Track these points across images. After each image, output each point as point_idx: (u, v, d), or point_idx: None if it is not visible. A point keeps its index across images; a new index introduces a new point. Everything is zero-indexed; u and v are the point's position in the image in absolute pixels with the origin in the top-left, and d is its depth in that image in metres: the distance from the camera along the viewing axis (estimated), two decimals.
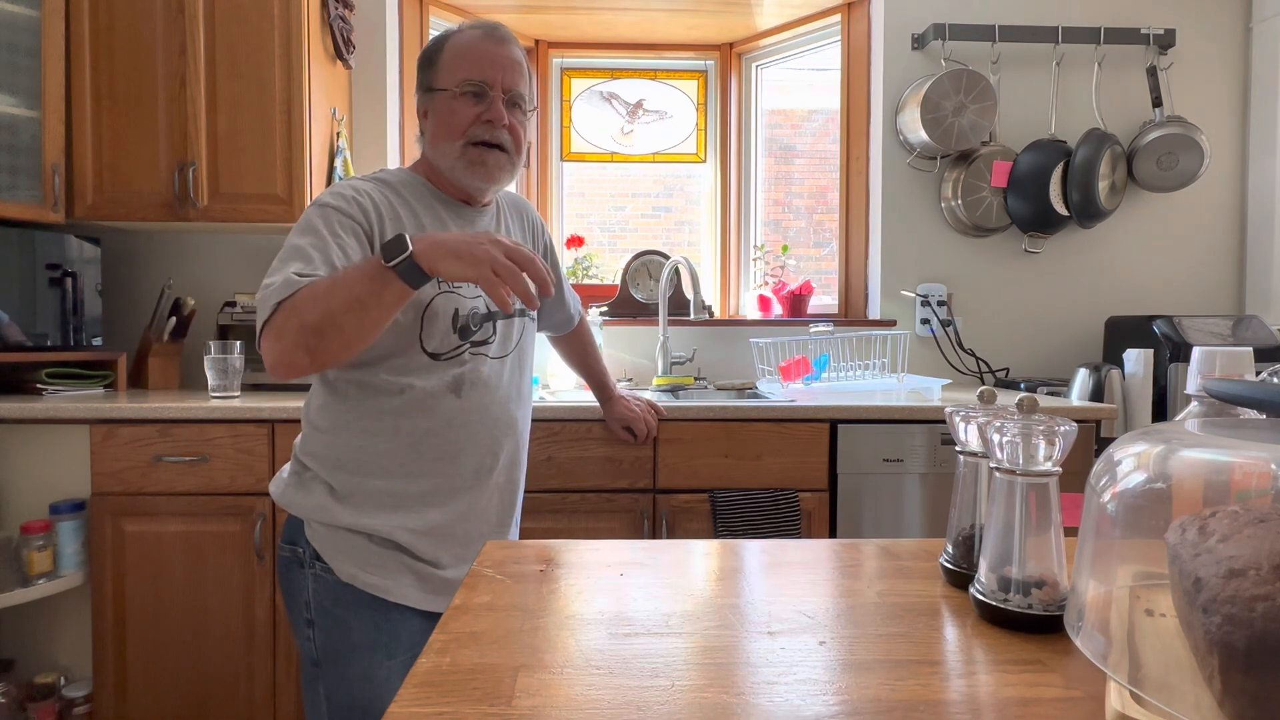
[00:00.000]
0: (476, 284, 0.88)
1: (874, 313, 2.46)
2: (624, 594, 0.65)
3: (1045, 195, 2.31)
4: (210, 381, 1.83)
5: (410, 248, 0.87)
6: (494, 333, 1.13)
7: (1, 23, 1.80)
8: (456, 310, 1.08)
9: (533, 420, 1.70)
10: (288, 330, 0.90)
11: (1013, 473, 0.57)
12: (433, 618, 1.08)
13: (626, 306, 2.45)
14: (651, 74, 2.76)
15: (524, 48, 1.20)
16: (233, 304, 2.02)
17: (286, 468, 1.13)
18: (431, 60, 1.11)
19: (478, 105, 1.08)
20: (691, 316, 2.11)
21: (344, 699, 1.03)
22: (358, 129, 2.30)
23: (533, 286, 0.89)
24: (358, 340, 0.92)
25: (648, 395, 1.87)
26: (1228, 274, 2.49)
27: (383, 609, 1.04)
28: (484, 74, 1.08)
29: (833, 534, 1.77)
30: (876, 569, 0.72)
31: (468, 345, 1.09)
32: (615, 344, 2.40)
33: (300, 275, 0.93)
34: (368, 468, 1.06)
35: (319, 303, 0.89)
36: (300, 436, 1.12)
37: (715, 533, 1.71)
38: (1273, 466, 0.39)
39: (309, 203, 1.95)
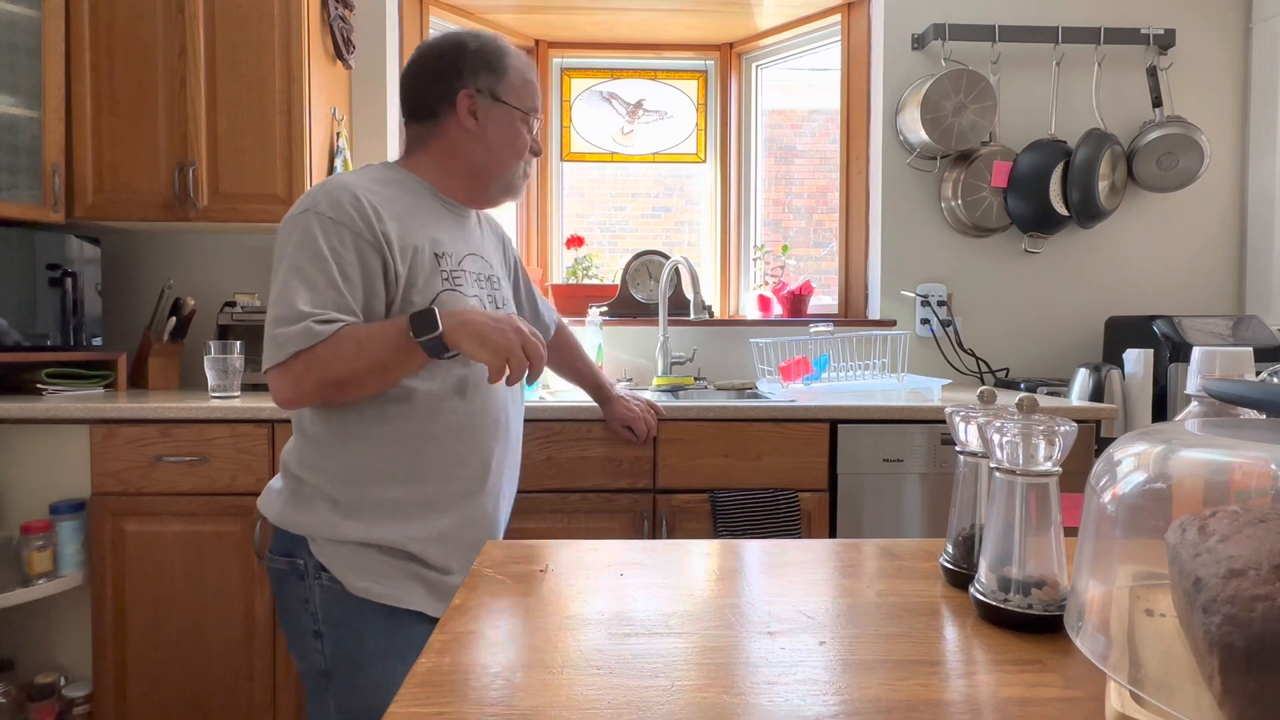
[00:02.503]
0: (488, 365, 0.95)
1: (874, 313, 2.46)
2: (624, 594, 0.65)
3: (1045, 195, 2.31)
4: (210, 381, 1.83)
5: (440, 328, 0.95)
6: None
7: (1, 23, 1.80)
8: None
9: (533, 420, 1.71)
10: (306, 381, 0.95)
11: (1013, 473, 0.57)
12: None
13: (626, 306, 2.45)
14: (651, 74, 2.76)
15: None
16: (233, 304, 2.02)
17: (277, 482, 1.08)
18: (499, 70, 1.13)
19: (528, 133, 1.17)
20: (691, 316, 2.11)
21: (357, 707, 1.02)
22: (358, 129, 2.30)
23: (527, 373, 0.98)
24: (373, 392, 1.01)
25: (647, 395, 1.87)
26: (1228, 274, 2.49)
27: (395, 616, 1.04)
28: (537, 107, 1.18)
29: (833, 534, 1.77)
30: (876, 569, 0.72)
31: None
32: (615, 344, 2.40)
33: (319, 323, 0.94)
34: (373, 476, 1.04)
35: (344, 363, 0.95)
36: (291, 449, 1.08)
37: (715, 533, 1.71)
38: (1273, 466, 0.39)
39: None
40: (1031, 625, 0.56)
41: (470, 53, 1.12)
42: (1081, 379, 2.00)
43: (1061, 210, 2.32)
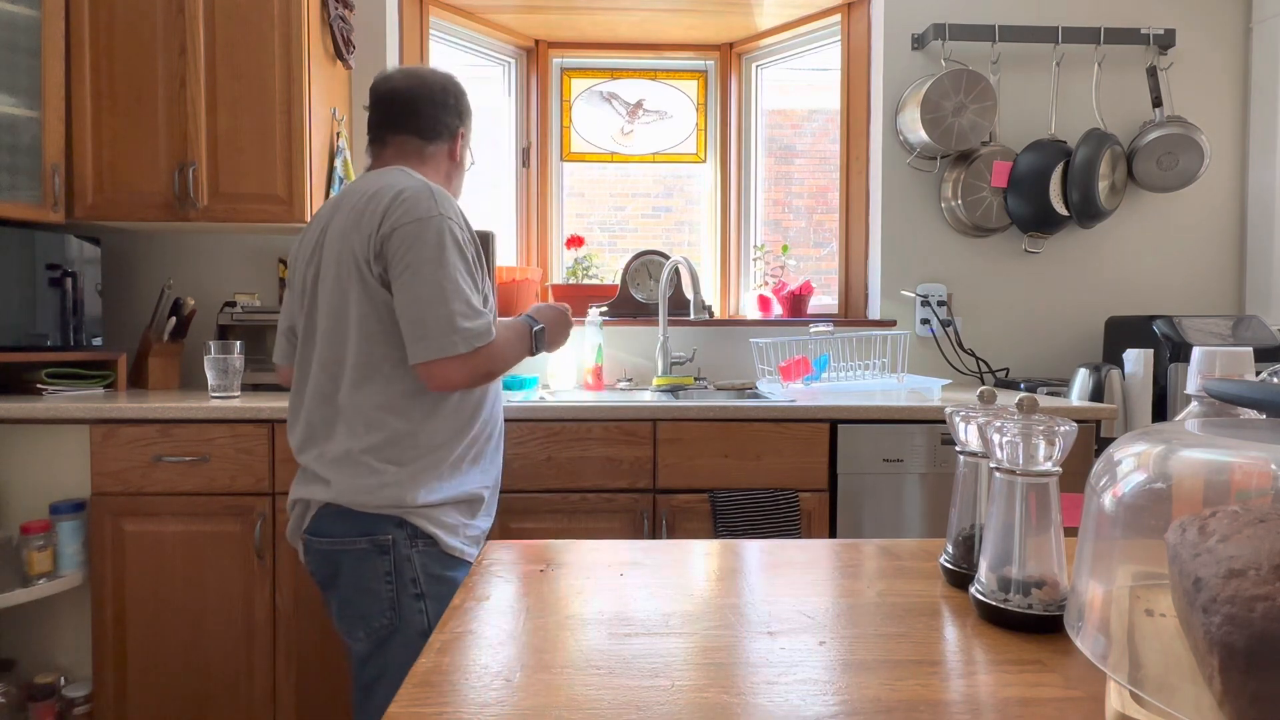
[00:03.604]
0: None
1: (874, 313, 2.46)
2: (624, 594, 0.65)
3: (1045, 195, 2.31)
4: (210, 381, 1.83)
5: (546, 340, 1.33)
6: None
7: (1, 23, 1.80)
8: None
9: (533, 420, 1.71)
10: (481, 370, 1.15)
11: (1013, 473, 0.57)
12: None
13: (626, 306, 2.45)
14: (651, 74, 2.76)
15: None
16: (233, 304, 2.02)
17: (364, 475, 1.15)
18: (471, 117, 1.37)
19: None
20: (691, 316, 2.11)
21: None
22: (358, 129, 2.29)
23: None
24: None
25: (647, 395, 1.87)
26: (1228, 274, 2.49)
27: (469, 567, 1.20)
28: None
29: (833, 534, 1.77)
30: (876, 569, 0.72)
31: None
32: (615, 344, 2.40)
33: (492, 324, 1.16)
34: (461, 439, 1.22)
35: (504, 361, 1.20)
36: (378, 441, 1.16)
37: (715, 533, 1.71)
38: (1273, 466, 0.39)
39: (308, 201, 1.95)
40: (1031, 625, 0.56)
41: (465, 98, 1.35)
42: (1081, 379, 2.00)
43: (1061, 210, 2.32)
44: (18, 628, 1.76)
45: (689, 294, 2.28)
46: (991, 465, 0.59)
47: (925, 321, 2.41)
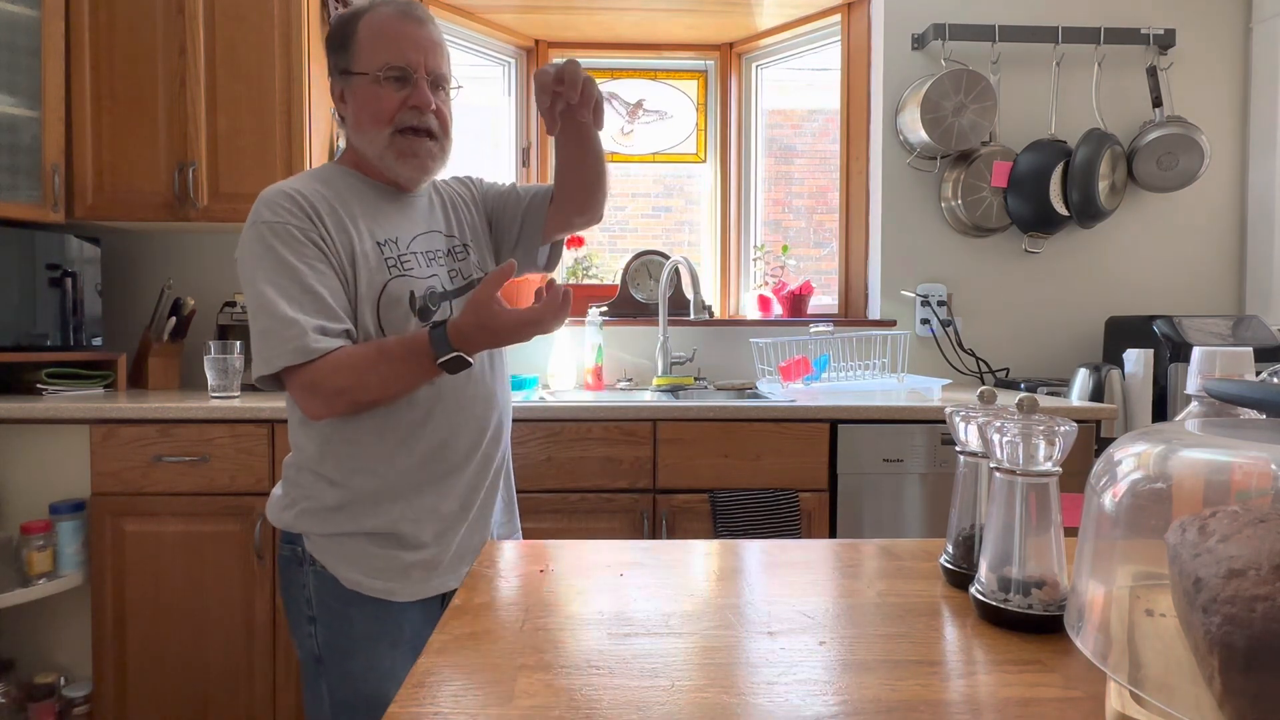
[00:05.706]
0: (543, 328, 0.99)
1: (874, 313, 2.46)
2: (624, 594, 0.65)
3: (1045, 195, 2.31)
4: (210, 381, 1.83)
5: (453, 349, 0.96)
6: (451, 312, 1.09)
7: (1, 23, 1.79)
8: (411, 293, 1.05)
9: (533, 420, 1.71)
10: (337, 403, 0.99)
11: (1013, 473, 0.57)
12: (431, 605, 1.09)
13: (626, 306, 2.45)
14: (651, 74, 2.76)
15: (440, 30, 1.12)
16: (233, 304, 2.02)
17: (279, 488, 1.12)
18: (345, 42, 1.06)
19: (402, 90, 1.05)
20: (691, 316, 2.11)
21: (348, 693, 1.04)
22: None
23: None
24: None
25: (647, 395, 1.87)
26: (1228, 274, 2.49)
27: (384, 604, 1.05)
28: (406, 58, 1.04)
29: (833, 534, 1.77)
30: (876, 569, 0.72)
31: (429, 327, 1.01)
32: (615, 344, 2.40)
33: (320, 333, 0.96)
34: (361, 472, 1.05)
35: (377, 386, 0.99)
36: (289, 456, 1.11)
37: (715, 533, 1.71)
38: (1273, 466, 0.39)
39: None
40: (1031, 625, 0.56)
41: (329, 39, 1.09)
42: (1081, 379, 2.00)
43: (1061, 210, 2.32)
44: (18, 628, 1.76)
45: (689, 294, 2.28)
46: (991, 465, 0.59)
47: (925, 321, 2.41)
